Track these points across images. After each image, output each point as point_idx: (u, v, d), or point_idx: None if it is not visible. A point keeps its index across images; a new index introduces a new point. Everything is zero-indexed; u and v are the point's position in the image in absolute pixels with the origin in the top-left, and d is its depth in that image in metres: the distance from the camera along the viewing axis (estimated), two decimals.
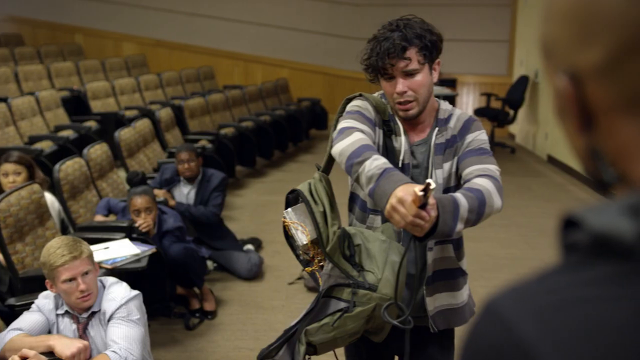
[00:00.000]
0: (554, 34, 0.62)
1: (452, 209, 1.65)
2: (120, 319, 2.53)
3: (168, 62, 11.27)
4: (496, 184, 1.80)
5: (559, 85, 0.61)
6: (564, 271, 0.54)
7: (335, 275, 1.87)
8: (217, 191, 4.72)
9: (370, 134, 1.86)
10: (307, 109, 9.30)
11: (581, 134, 0.61)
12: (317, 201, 1.90)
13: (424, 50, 1.87)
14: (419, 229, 1.58)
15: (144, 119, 6.00)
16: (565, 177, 7.67)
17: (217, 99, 8.08)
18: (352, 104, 1.98)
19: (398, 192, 1.57)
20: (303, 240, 1.91)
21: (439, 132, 1.96)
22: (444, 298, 2.03)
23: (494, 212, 1.76)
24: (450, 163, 1.96)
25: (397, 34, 1.85)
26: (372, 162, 1.68)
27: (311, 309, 1.89)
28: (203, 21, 11.39)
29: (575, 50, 0.58)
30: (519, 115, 9.25)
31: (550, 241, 5.39)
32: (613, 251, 0.52)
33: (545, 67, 0.65)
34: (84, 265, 2.52)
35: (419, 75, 1.88)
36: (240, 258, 4.62)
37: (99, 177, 4.55)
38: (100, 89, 7.96)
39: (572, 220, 0.55)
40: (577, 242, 0.54)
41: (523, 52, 9.64)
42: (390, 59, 1.85)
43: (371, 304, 1.82)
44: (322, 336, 1.86)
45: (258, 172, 7.70)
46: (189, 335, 3.82)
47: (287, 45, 11.15)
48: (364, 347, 2.12)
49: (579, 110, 0.59)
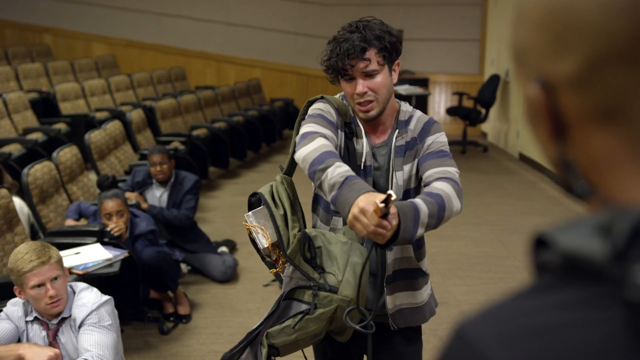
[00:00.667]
0: (525, 40, 0.59)
1: (412, 215, 1.66)
2: (91, 325, 2.50)
3: (139, 62, 11.16)
4: (455, 187, 1.82)
5: (530, 93, 0.59)
6: (534, 294, 0.53)
7: (296, 277, 1.90)
8: (190, 194, 4.68)
9: (332, 138, 1.88)
10: (280, 109, 9.28)
11: (553, 143, 0.59)
12: (278, 204, 1.92)
13: (384, 51, 1.88)
14: (380, 237, 1.60)
15: (114, 121, 5.93)
16: (536, 175, 7.75)
17: (189, 99, 8.01)
18: (314, 107, 1.98)
19: (360, 202, 1.58)
20: (264, 243, 1.93)
21: (399, 134, 1.98)
22: (403, 297, 2.05)
23: (454, 215, 1.79)
24: (410, 165, 1.98)
25: (357, 35, 1.87)
26: (334, 169, 1.69)
27: (273, 312, 1.92)
28: (173, 21, 11.30)
29: (548, 59, 0.56)
30: (491, 113, 9.33)
31: (523, 239, 5.44)
32: (583, 273, 0.50)
33: (516, 73, 0.63)
34: (52, 271, 2.48)
35: (379, 76, 1.89)
36: (214, 261, 4.58)
37: (69, 180, 4.48)
38: (70, 90, 7.85)
39: (543, 240, 0.53)
40: (547, 262, 0.53)
41: (494, 51, 9.72)
42: (350, 60, 1.86)
43: (332, 305, 1.85)
44: (283, 338, 1.88)
45: (231, 173, 7.66)
46: (164, 340, 3.78)
47: (258, 45, 11.11)
48: (330, 347, 2.14)
49: (551, 120, 0.58)
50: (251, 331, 1.96)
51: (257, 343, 1.93)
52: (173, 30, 11.32)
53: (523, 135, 8.46)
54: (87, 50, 11.47)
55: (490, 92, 9.01)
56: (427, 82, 9.60)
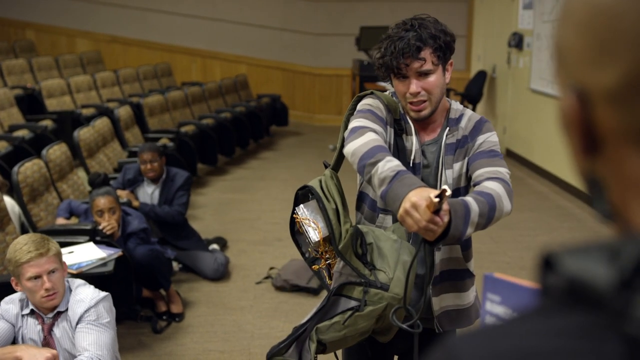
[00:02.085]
0: (567, 42, 0.54)
1: (463, 213, 1.63)
2: (90, 323, 2.48)
3: (124, 58, 11.06)
4: (506, 187, 1.78)
5: (564, 101, 0.55)
6: (532, 317, 0.50)
7: (346, 273, 1.86)
8: (182, 190, 4.65)
9: (382, 134, 1.84)
10: (267, 105, 9.25)
11: (583, 158, 0.55)
12: (329, 198, 1.88)
13: (438, 51, 1.85)
14: (431, 233, 1.57)
15: (103, 118, 5.87)
16: (524, 171, 7.80)
17: (176, 96, 7.96)
18: (363, 102, 1.95)
19: (412, 197, 1.55)
20: (315, 237, 1.89)
21: (450, 132, 1.95)
22: (450, 299, 2.02)
23: (504, 215, 1.76)
24: (460, 163, 1.94)
25: (412, 33, 1.83)
26: (385, 163, 1.66)
27: (321, 307, 1.88)
28: (158, 16, 11.21)
29: (588, 67, 0.52)
30: (478, 109, 9.37)
31: (513, 235, 5.48)
32: (585, 299, 0.47)
33: (556, 73, 0.58)
34: (50, 263, 2.47)
35: (433, 76, 1.86)
36: (206, 258, 4.56)
37: (59, 178, 4.43)
38: (56, 86, 7.76)
39: (549, 261, 0.50)
40: (551, 285, 0.50)
41: (480, 47, 9.76)
42: (405, 59, 1.83)
43: (382, 303, 1.81)
44: (332, 334, 1.86)
45: (220, 170, 7.62)
46: (157, 339, 3.76)
47: (244, 40, 11.06)
48: (369, 346, 2.09)
49: (583, 133, 0.53)
50: (298, 326, 1.93)
51: (304, 339, 1.91)
52: (158, 26, 11.23)
53: (510, 131, 8.50)
54: (70, 46, 11.34)
55: (477, 88, 9.06)
56: None
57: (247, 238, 5.31)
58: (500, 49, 8.66)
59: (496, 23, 8.95)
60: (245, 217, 5.92)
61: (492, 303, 0.80)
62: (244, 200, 6.50)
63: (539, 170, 7.51)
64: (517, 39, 8.01)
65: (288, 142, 9.37)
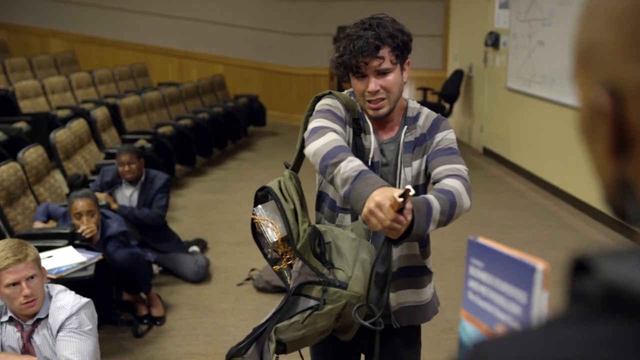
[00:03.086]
0: (597, 36, 0.52)
1: (425, 211, 1.67)
2: (71, 331, 2.44)
3: (99, 59, 10.94)
4: (465, 184, 1.82)
5: (594, 99, 0.52)
6: (570, 324, 0.47)
7: (305, 273, 1.87)
8: (162, 192, 4.60)
9: (342, 134, 1.86)
10: (244, 105, 9.20)
11: (611, 159, 0.53)
12: (288, 198, 1.89)
13: (397, 49, 1.88)
14: (395, 232, 1.60)
15: (79, 119, 5.79)
16: (501, 169, 7.85)
17: (153, 96, 7.88)
18: (322, 102, 1.96)
19: (375, 196, 1.57)
20: (273, 237, 1.89)
21: (408, 130, 1.98)
22: (407, 295, 2.04)
23: (463, 212, 1.79)
24: (419, 161, 1.97)
25: (371, 32, 1.86)
26: (347, 163, 1.68)
27: (280, 307, 1.89)
28: (133, 16, 11.11)
29: (622, 61, 0.49)
30: (455, 109, 9.43)
31: (491, 232, 5.51)
32: (628, 308, 0.44)
33: (577, 75, 0.55)
34: (28, 269, 2.42)
35: (391, 74, 1.89)
36: (186, 260, 4.52)
37: (36, 181, 4.36)
38: (30, 87, 7.64)
39: (582, 265, 0.48)
40: (586, 291, 0.47)
41: (457, 46, 9.81)
42: (364, 58, 1.85)
43: (341, 301, 1.83)
44: (292, 334, 1.86)
45: (198, 171, 7.57)
46: (138, 343, 3.71)
47: (221, 40, 11.00)
48: (331, 346, 2.11)
49: (614, 132, 0.51)
50: (257, 326, 1.93)
51: (264, 339, 1.91)
52: (133, 26, 11.12)
53: (487, 129, 8.56)
54: (44, 47, 11.19)
55: (454, 87, 9.11)
56: None
57: (227, 239, 5.27)
58: (477, 48, 8.71)
59: (472, 22, 9.01)
60: (224, 219, 5.88)
61: (475, 268, 0.81)
62: (223, 201, 6.46)
63: (516, 168, 7.58)
64: (493, 38, 8.07)
65: (266, 142, 9.34)
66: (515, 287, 0.73)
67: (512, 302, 0.73)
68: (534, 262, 0.70)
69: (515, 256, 0.73)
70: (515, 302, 0.73)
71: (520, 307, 0.72)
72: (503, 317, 0.75)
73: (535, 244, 5.22)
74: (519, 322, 0.72)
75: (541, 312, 0.70)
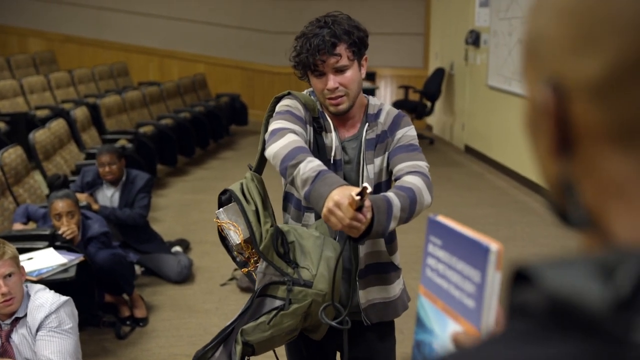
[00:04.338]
0: (544, 29, 0.49)
1: (385, 209, 1.68)
2: (51, 330, 2.41)
3: (78, 58, 10.84)
4: (426, 180, 1.84)
5: (537, 96, 0.50)
6: (510, 341, 0.43)
7: (269, 273, 1.87)
8: (143, 192, 4.57)
9: (302, 134, 1.86)
10: (226, 104, 9.17)
11: (554, 160, 0.50)
12: (249, 200, 1.90)
13: (353, 46, 1.89)
14: (355, 230, 1.61)
15: (58, 119, 5.73)
16: (482, 166, 7.90)
17: (133, 96, 7.83)
18: (281, 104, 1.96)
19: (334, 196, 1.58)
20: (236, 240, 1.90)
21: (369, 127, 1.99)
22: (376, 291, 2.05)
23: (424, 208, 1.81)
24: (381, 158, 1.98)
25: (326, 30, 1.86)
26: (306, 164, 1.68)
27: (246, 309, 1.90)
28: (113, 15, 11.02)
29: (568, 57, 0.47)
30: (436, 107, 9.46)
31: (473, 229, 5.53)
32: (575, 322, 0.41)
33: (524, 69, 0.52)
34: (6, 267, 2.40)
35: (349, 71, 1.89)
36: (169, 261, 4.50)
37: (15, 182, 4.31)
38: (8, 87, 7.56)
39: (524, 274, 0.44)
40: (529, 304, 0.43)
41: (437, 45, 9.85)
42: (321, 55, 1.85)
43: (307, 300, 1.84)
44: (258, 335, 1.86)
45: (180, 171, 7.53)
46: (121, 345, 3.68)
47: (202, 39, 10.96)
48: (305, 345, 2.12)
49: (557, 131, 0.48)
50: (224, 328, 1.93)
51: (231, 341, 1.91)
52: (113, 25, 11.04)
53: (468, 127, 8.61)
54: (22, 46, 11.07)
55: (436, 86, 9.15)
56: (375, 76, 9.65)
57: (210, 239, 5.24)
58: (458, 47, 8.75)
59: (453, 21, 9.05)
60: (207, 218, 5.85)
61: (433, 246, 0.84)
62: (206, 201, 6.43)
63: (498, 165, 7.62)
64: (474, 36, 8.11)
65: (248, 142, 9.31)
66: (470, 266, 0.75)
67: (467, 280, 0.75)
68: (488, 243, 0.72)
69: (471, 236, 0.75)
70: (469, 280, 0.75)
71: (475, 286, 0.74)
72: (458, 294, 0.77)
73: (517, 241, 5.25)
74: (472, 300, 0.73)
75: (494, 292, 0.71)
